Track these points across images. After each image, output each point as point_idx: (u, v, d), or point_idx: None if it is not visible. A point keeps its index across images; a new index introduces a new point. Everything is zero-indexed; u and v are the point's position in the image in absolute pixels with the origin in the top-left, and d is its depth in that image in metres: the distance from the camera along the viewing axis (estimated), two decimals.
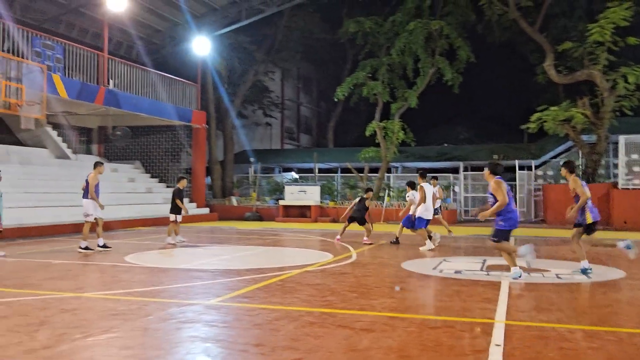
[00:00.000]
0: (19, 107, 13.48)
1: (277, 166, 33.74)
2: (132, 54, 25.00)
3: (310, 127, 47.36)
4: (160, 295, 6.81)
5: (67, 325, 5.22)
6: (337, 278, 8.26)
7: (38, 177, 17.62)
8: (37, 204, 16.05)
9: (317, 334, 4.98)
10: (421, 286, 7.57)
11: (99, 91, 18.50)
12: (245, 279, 8.09)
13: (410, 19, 23.36)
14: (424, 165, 29.99)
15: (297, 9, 28.66)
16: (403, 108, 24.19)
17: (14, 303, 6.23)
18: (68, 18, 22.39)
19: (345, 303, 6.36)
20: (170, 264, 9.86)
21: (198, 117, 23.79)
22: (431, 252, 11.64)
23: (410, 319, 5.65)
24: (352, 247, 12.44)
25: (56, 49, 17.23)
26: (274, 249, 12.81)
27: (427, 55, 23.26)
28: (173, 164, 24.88)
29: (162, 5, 22.95)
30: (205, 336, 4.97)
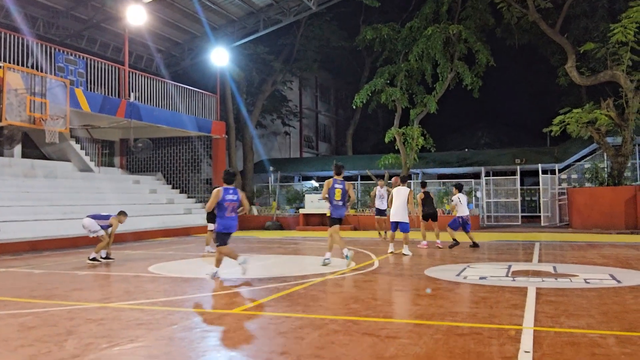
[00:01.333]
0: (44, 122, 13.70)
1: (297, 175, 33.79)
2: (152, 67, 25.32)
3: (329, 135, 47.40)
4: (184, 305, 6.83)
5: (93, 335, 5.26)
6: (361, 285, 8.20)
7: (62, 190, 17.89)
8: (61, 216, 16.28)
9: (342, 342, 4.94)
10: (446, 293, 7.48)
11: (121, 104, 18.75)
12: (268, 287, 8.08)
13: (428, 24, 23.30)
14: (444, 171, 29.82)
15: (314, 18, 28.80)
16: (422, 114, 24.08)
17: (42, 314, 6.29)
18: (90, 33, 22.78)
19: (369, 310, 6.30)
20: (194, 273, 9.89)
21: (217, 128, 23.97)
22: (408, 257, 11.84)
23: (437, 326, 5.57)
24: (374, 254, 12.37)
25: (79, 63, 17.52)
26: (296, 258, 12.79)
27: (446, 60, 23.15)
28: (194, 175, 25.08)
29: (181, 18, 23.23)
30: (230, 345, 4.97)
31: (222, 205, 8.71)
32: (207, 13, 23.04)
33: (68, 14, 21.17)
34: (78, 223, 15.80)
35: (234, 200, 8.79)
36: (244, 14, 24.19)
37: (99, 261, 11.22)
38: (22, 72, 13.54)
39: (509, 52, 28.46)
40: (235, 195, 8.83)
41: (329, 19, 30.41)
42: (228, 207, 8.72)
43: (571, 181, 24.14)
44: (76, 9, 21.06)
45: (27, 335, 5.26)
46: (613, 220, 19.83)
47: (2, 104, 12.80)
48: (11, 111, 13.02)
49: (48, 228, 15.35)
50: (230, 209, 8.77)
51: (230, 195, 8.75)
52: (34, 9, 20.40)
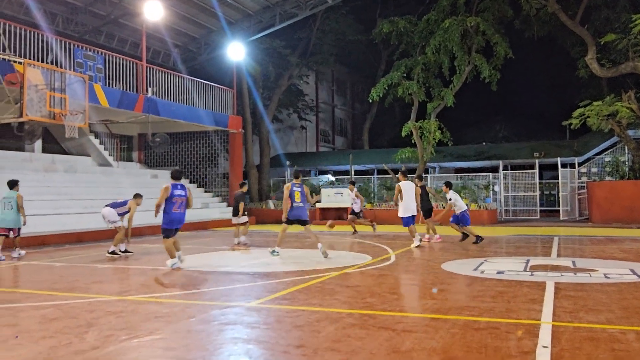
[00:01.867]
0: (63, 117, 13.85)
1: (313, 169, 33.82)
2: (169, 62, 25.47)
3: (345, 129, 47.35)
4: (202, 298, 6.89)
5: (113, 327, 5.34)
6: (377, 280, 8.20)
7: (82, 185, 18.11)
8: (81, 210, 16.50)
9: (358, 336, 4.95)
10: (463, 287, 7.45)
11: (138, 99, 18.90)
12: (285, 281, 8.12)
13: (445, 17, 23.09)
14: (462, 165, 29.63)
15: (330, 12, 28.72)
16: (439, 107, 23.92)
17: (63, 306, 6.40)
18: (108, 29, 22.97)
19: (385, 304, 6.31)
20: (211, 267, 9.97)
21: (234, 122, 24.06)
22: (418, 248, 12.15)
23: (453, 320, 5.56)
24: (390, 248, 12.35)
25: (97, 59, 17.70)
26: (312, 252, 12.79)
27: (464, 53, 22.94)
28: (211, 169, 25.23)
29: (197, 13, 23.31)
30: (247, 337, 5.01)
31: (170, 200, 9.18)
32: (224, 7, 23.09)
33: (86, 10, 21.37)
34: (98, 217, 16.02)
35: (182, 195, 9.29)
36: (260, 8, 24.20)
37: (118, 254, 11.35)
38: (42, 68, 13.70)
39: (527, 44, 28.11)
40: (182, 191, 9.32)
41: (345, 13, 30.31)
42: (176, 202, 9.23)
43: (591, 175, 23.82)
44: (94, 5, 21.24)
45: (48, 326, 5.36)
46: (634, 214, 19.55)
47: (22, 100, 12.96)
48: (32, 107, 13.18)
49: (68, 222, 15.57)
50: (178, 205, 9.26)
51: (178, 190, 9.25)
52: (54, 5, 20.62)
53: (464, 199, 22.22)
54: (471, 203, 21.86)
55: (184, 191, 9.37)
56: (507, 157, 27.11)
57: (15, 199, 11.30)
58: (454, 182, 24.90)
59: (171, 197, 9.20)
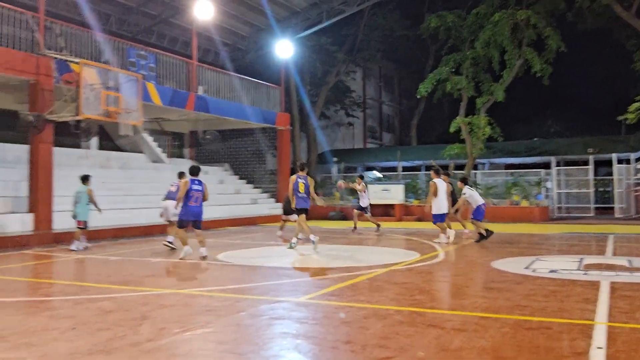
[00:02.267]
0: (118, 115, 14.31)
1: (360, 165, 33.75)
2: (218, 61, 25.90)
3: (393, 126, 47.03)
4: (251, 293, 7.02)
5: (166, 320, 5.50)
6: (425, 277, 8.15)
7: (136, 181, 18.66)
8: (135, 205, 17.02)
9: (407, 333, 4.94)
10: (513, 286, 7.31)
11: (189, 97, 19.31)
12: (332, 277, 8.18)
13: (495, 11, 22.60)
14: (512, 161, 28.98)
15: (377, 8, 28.56)
16: (489, 102, 23.45)
17: (118, 299, 6.64)
18: (159, 29, 23.55)
19: (434, 302, 6.27)
20: (260, 262, 10.12)
21: (282, 119, 24.27)
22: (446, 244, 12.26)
23: (503, 319, 5.47)
24: (439, 246, 12.23)
25: (149, 58, 18.17)
26: (359, 248, 12.83)
27: (514, 47, 22.40)
28: (259, 166, 25.54)
29: (246, 11, 23.61)
30: (296, 332, 5.07)
31: (188, 194, 9.90)
32: (272, 5, 23.30)
33: (139, 10, 21.97)
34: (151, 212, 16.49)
35: (199, 190, 10.00)
36: (307, 5, 24.30)
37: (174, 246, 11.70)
38: (97, 67, 14.17)
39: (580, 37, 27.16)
40: (200, 186, 10.06)
41: (392, 8, 30.08)
42: (193, 196, 9.91)
43: None
44: (146, 5, 21.81)
45: (104, 319, 5.57)
46: None
47: (79, 99, 13.45)
48: (88, 105, 13.66)
49: (123, 217, 16.09)
50: (195, 198, 9.93)
51: (195, 185, 9.99)
52: (107, 6, 21.29)
53: (514, 196, 21.78)
54: (522, 200, 21.37)
55: (201, 186, 10.06)
56: (559, 153, 26.33)
57: (86, 193, 11.98)
58: (504, 178, 24.42)
59: (189, 192, 9.90)
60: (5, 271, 9.04)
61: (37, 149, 14.10)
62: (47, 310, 6.18)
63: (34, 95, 14.08)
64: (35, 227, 13.84)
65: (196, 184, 10.03)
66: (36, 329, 5.18)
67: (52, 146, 14.44)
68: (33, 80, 13.97)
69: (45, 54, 14.02)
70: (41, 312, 6.01)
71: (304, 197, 11.60)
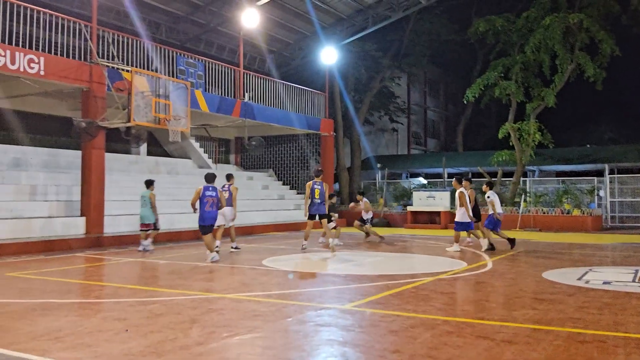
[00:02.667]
0: (167, 122, 14.63)
1: (404, 172, 33.47)
2: (264, 68, 26.20)
3: (438, 131, 46.49)
4: (297, 298, 7.03)
5: (215, 324, 5.57)
6: (473, 287, 7.99)
7: (183, 186, 19.03)
8: (182, 210, 17.33)
9: (455, 344, 4.85)
10: (566, 298, 7.09)
11: (236, 104, 19.60)
12: (378, 285, 8.11)
13: (546, 14, 22.08)
14: (564, 168, 28.18)
15: (423, 12, 28.31)
16: (539, 108, 22.89)
17: (168, 302, 6.76)
18: (207, 37, 24.02)
19: (483, 313, 6.13)
20: (304, 268, 10.14)
21: (326, 125, 24.33)
22: (458, 253, 12.13)
23: (556, 332, 5.31)
24: (487, 255, 11.98)
25: (198, 66, 18.54)
26: (404, 256, 12.70)
27: (566, 51, 21.80)
28: (302, 172, 25.66)
29: (292, 18, 23.82)
30: (343, 340, 5.05)
31: (202, 200, 10.39)
32: (317, 12, 23.43)
33: (188, 19, 22.47)
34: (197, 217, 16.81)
35: (212, 196, 10.45)
36: (352, 12, 24.33)
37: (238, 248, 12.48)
38: (148, 75, 14.55)
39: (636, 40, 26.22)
40: (213, 192, 10.51)
41: (439, 13, 29.76)
42: (207, 202, 10.37)
43: None
44: (195, 14, 22.28)
45: (155, 321, 5.68)
46: None
47: (130, 106, 13.83)
48: (138, 112, 14.03)
49: (171, 221, 16.43)
50: (210, 204, 10.39)
51: (209, 192, 10.45)
52: (158, 14, 21.86)
53: (565, 204, 21.17)
54: (574, 209, 20.73)
55: (215, 192, 10.53)
56: (613, 160, 25.44)
57: (149, 197, 12.58)
58: (555, 186, 23.75)
59: (203, 198, 10.40)
60: (58, 273, 9.35)
61: (90, 154, 14.56)
62: (99, 312, 6.35)
63: (86, 103, 14.57)
64: (86, 231, 14.30)
65: (210, 191, 10.51)
66: (90, 330, 5.32)
67: (103, 152, 14.90)
68: (86, 88, 14.47)
69: (98, 63, 14.49)
70: (94, 314, 6.18)
71: (318, 202, 12.30)
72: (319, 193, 12.22)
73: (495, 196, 13.23)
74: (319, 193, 12.22)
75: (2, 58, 12.46)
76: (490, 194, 13.15)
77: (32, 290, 7.62)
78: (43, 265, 10.26)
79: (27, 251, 12.07)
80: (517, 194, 22.82)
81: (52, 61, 13.59)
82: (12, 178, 14.61)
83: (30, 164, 15.81)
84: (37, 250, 12.29)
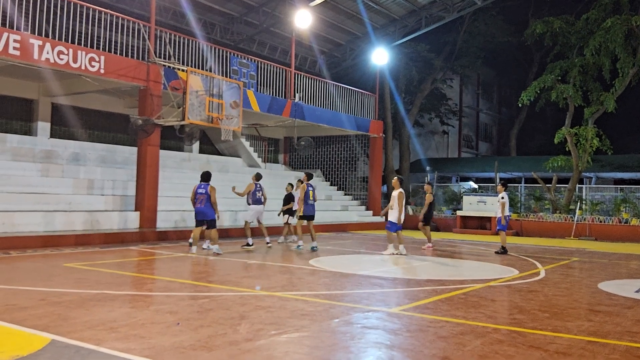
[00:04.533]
0: (220, 121, 14.89)
1: (454, 175, 32.94)
2: (315, 68, 26.32)
3: (490, 135, 45.55)
4: (344, 300, 7.01)
5: (263, 321, 5.62)
6: (525, 295, 7.78)
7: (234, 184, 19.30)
8: (232, 208, 17.62)
9: (507, 353, 4.73)
10: (623, 310, 6.80)
11: (286, 104, 19.75)
12: (426, 289, 8.00)
13: (607, 16, 21.27)
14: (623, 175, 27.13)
15: (478, 13, 27.82)
16: (598, 113, 22.09)
17: (217, 298, 6.87)
18: (260, 37, 24.31)
19: (535, 323, 5.96)
20: (351, 269, 10.12)
21: (375, 127, 24.22)
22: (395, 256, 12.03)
23: (613, 345, 5.11)
24: (539, 263, 11.66)
25: (250, 66, 18.79)
26: (453, 261, 12.49)
27: (627, 54, 20.95)
28: (350, 173, 25.62)
29: (344, 19, 23.83)
30: (391, 344, 5.00)
31: (195, 197, 11.58)
32: (370, 13, 23.36)
33: (242, 20, 22.80)
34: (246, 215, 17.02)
35: (202, 193, 11.48)
36: (405, 13, 24.13)
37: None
38: (202, 75, 14.84)
39: None
40: (204, 189, 11.49)
41: (495, 14, 29.14)
42: (198, 198, 11.50)
43: None
44: (249, 14, 22.60)
45: (205, 316, 5.78)
46: None
47: (185, 105, 14.14)
48: (192, 111, 14.33)
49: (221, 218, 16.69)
50: (199, 200, 11.46)
51: (200, 189, 11.52)
52: (212, 15, 22.27)
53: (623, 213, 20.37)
54: (632, 218, 19.91)
55: (205, 189, 11.48)
56: None
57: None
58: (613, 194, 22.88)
59: (196, 194, 11.55)
60: (113, 266, 9.65)
61: (145, 151, 14.97)
62: (152, 304, 6.51)
63: (143, 101, 14.99)
64: (140, 225, 14.70)
65: (201, 188, 11.53)
66: (143, 322, 5.46)
67: (158, 149, 15.28)
68: (143, 87, 14.88)
69: (155, 62, 14.88)
70: (147, 307, 6.34)
71: (312, 203, 13.11)
72: (312, 194, 13.12)
73: (507, 198, 13.43)
74: (312, 194, 13.12)
75: (65, 56, 12.96)
76: (504, 195, 13.27)
77: (88, 281, 7.89)
78: (98, 257, 10.61)
79: (83, 243, 12.52)
80: (572, 201, 22.10)
81: (111, 60, 14.04)
82: (71, 172, 15.19)
83: (89, 158, 16.39)
84: (93, 242, 12.72)
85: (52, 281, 7.80)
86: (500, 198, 13.27)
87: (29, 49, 12.29)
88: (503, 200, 13.18)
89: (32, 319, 5.43)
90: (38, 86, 16.63)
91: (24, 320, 5.33)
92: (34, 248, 11.44)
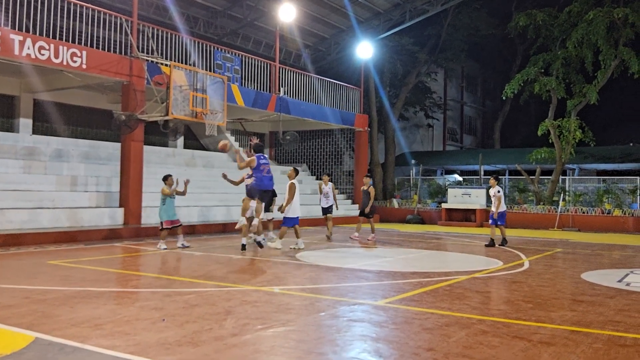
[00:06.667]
0: (204, 116, 14.82)
1: (439, 168, 33.12)
2: (299, 62, 26.25)
3: (475, 128, 45.83)
4: (330, 293, 7.04)
5: (249, 316, 5.62)
6: (509, 286, 7.86)
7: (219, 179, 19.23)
8: (217, 203, 17.57)
9: (491, 344, 4.78)
10: (606, 300, 6.91)
11: (271, 99, 19.69)
12: (411, 282, 8.05)
13: (590, 8, 21.48)
14: (605, 167, 27.46)
15: (462, 6, 27.89)
16: (581, 105, 22.32)
17: (203, 293, 6.86)
18: (244, 31, 24.18)
19: (519, 313, 6.03)
20: (337, 263, 10.14)
21: (360, 121, 24.24)
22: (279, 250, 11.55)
23: (595, 334, 5.19)
24: (523, 254, 11.78)
25: (234, 60, 18.69)
26: (438, 253, 12.59)
27: (610, 47, 21.19)
28: (336, 167, 25.64)
29: (328, 13, 23.77)
30: (376, 336, 5.03)
31: None
32: (354, 7, 23.33)
33: (225, 14, 22.64)
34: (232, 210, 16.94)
35: None
36: (390, 6, 24.14)
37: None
38: (186, 69, 14.75)
39: None
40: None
41: (479, 7, 29.24)
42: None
43: None
44: (232, 8, 22.45)
45: (191, 312, 5.77)
46: None
47: (169, 100, 14.06)
48: (176, 106, 14.25)
49: (206, 213, 16.66)
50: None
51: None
52: (196, 9, 22.10)
53: (606, 204, 20.63)
54: (615, 209, 20.18)
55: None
56: None
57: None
58: (596, 185, 23.18)
59: None
60: (97, 262, 9.58)
61: (129, 146, 14.85)
62: (137, 301, 6.48)
63: (126, 96, 14.86)
64: (125, 221, 14.61)
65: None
66: (128, 318, 5.44)
67: (142, 144, 15.17)
68: (126, 82, 14.74)
69: (138, 57, 14.75)
70: (132, 303, 6.31)
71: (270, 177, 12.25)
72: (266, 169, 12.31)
73: (502, 192, 13.26)
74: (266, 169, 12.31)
75: (46, 52, 12.80)
76: (500, 189, 13.04)
77: (73, 279, 7.83)
78: (82, 254, 10.53)
79: (67, 240, 12.41)
80: (555, 193, 22.34)
81: (94, 55, 13.89)
82: (54, 169, 15.02)
83: (72, 155, 16.22)
84: (77, 239, 12.62)
85: (37, 279, 7.73)
86: (496, 192, 12.91)
87: (9, 44, 12.12)
88: (499, 194, 12.89)
89: (15, 317, 5.38)
90: (19, 82, 16.40)
91: (8, 319, 5.28)
92: (17, 246, 11.32)
